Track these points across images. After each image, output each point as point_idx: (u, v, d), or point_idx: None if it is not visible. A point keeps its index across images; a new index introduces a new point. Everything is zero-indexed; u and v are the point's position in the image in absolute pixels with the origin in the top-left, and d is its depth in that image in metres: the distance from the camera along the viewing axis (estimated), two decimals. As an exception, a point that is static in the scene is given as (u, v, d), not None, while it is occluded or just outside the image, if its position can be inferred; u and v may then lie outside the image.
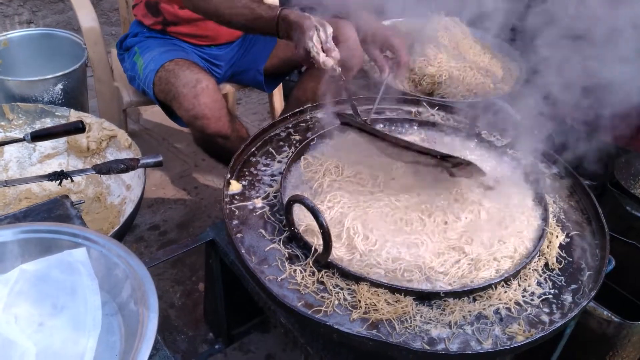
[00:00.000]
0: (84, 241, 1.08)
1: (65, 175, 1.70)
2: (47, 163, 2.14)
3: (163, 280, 2.17)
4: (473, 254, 1.31)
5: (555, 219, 1.47)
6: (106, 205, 2.04)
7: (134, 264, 1.04)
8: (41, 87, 2.32)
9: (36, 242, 1.09)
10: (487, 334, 1.17)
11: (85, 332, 0.97)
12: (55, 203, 1.31)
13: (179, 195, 2.59)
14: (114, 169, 1.72)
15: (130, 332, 0.98)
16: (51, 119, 2.11)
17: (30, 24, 3.23)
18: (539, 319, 1.22)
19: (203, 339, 1.98)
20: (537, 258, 1.34)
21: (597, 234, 1.44)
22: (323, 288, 1.24)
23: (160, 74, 1.96)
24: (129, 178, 1.99)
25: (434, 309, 1.20)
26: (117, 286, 1.05)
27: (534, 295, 1.26)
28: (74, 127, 1.80)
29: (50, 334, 0.98)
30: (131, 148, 2.01)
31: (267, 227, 1.38)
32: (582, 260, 1.37)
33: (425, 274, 1.26)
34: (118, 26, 3.47)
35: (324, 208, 1.38)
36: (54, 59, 2.57)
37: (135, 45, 2.15)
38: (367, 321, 1.17)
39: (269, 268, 1.28)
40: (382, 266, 1.27)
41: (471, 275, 1.27)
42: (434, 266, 1.28)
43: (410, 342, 1.14)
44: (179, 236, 2.36)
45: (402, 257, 1.29)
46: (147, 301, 0.97)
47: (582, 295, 1.27)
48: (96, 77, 2.37)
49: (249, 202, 1.45)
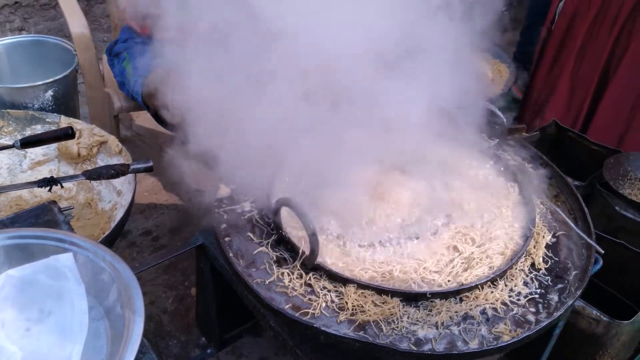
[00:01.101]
0: (71, 246, 1.08)
1: (55, 182, 1.70)
2: (37, 170, 2.14)
3: (155, 285, 2.17)
4: (466, 252, 1.32)
5: (542, 219, 1.48)
6: (97, 211, 2.04)
7: (120, 268, 1.04)
8: (32, 94, 2.32)
9: (23, 247, 1.09)
10: (474, 334, 1.18)
11: (72, 337, 0.97)
12: (42, 209, 1.31)
13: (171, 200, 2.60)
14: (104, 174, 1.72)
15: (116, 336, 0.98)
16: (42, 125, 2.11)
17: (21, 31, 3.23)
18: (525, 318, 1.22)
19: (195, 343, 1.98)
20: (523, 258, 1.35)
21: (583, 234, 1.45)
22: (311, 290, 1.24)
23: (148, 80, 1.96)
24: (120, 184, 1.99)
25: (420, 309, 1.21)
26: (104, 290, 1.05)
27: (521, 295, 1.27)
28: (63, 133, 1.80)
29: (36, 339, 0.98)
30: (122, 154, 2.01)
31: (255, 230, 1.39)
32: (569, 259, 1.38)
33: (420, 274, 1.28)
34: (109, 32, 3.47)
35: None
36: (45, 66, 2.57)
37: (125, 51, 2.15)
38: (354, 323, 1.18)
39: (257, 271, 1.28)
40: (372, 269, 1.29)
41: (465, 273, 1.28)
42: (428, 266, 1.29)
43: (397, 343, 1.14)
44: (172, 241, 2.36)
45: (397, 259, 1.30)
46: (133, 305, 0.97)
47: (569, 294, 1.28)
48: (87, 83, 2.37)
49: (238, 205, 1.46)
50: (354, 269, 1.29)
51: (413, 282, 1.26)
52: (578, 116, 2.55)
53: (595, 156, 2.13)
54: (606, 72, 2.45)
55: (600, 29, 2.41)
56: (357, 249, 1.32)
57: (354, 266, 1.29)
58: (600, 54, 2.42)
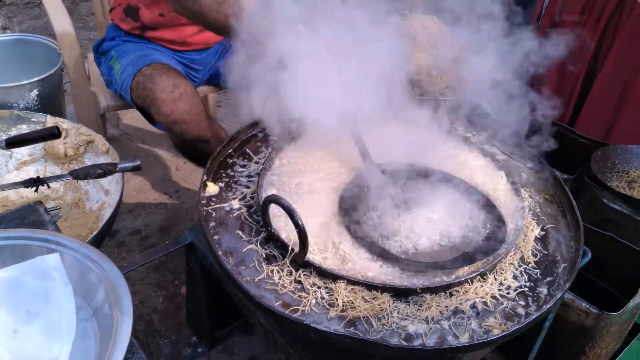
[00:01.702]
0: (57, 246, 1.07)
1: (41, 182, 1.69)
2: (24, 170, 2.12)
3: (145, 285, 2.16)
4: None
5: (530, 213, 1.49)
6: (85, 211, 2.02)
7: (107, 268, 1.03)
8: (16, 93, 2.30)
9: (8, 249, 1.08)
10: (464, 328, 1.18)
11: (60, 338, 0.97)
12: (28, 209, 1.29)
13: (160, 199, 2.58)
14: (91, 174, 1.71)
15: (104, 336, 0.98)
16: (27, 125, 2.09)
17: (5, 30, 3.20)
18: (515, 311, 1.23)
19: (186, 342, 1.97)
20: (512, 252, 1.35)
21: (571, 227, 1.46)
22: (300, 287, 1.24)
23: (137, 79, 1.95)
24: (107, 183, 1.98)
25: (410, 305, 1.21)
26: (91, 290, 1.04)
27: (510, 289, 1.27)
28: (49, 132, 1.79)
29: (24, 341, 0.97)
30: (109, 153, 2.00)
31: (244, 228, 1.38)
32: (557, 252, 1.39)
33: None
34: (95, 31, 3.44)
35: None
36: (30, 65, 2.55)
37: (113, 49, 2.14)
38: (344, 319, 1.18)
39: (246, 269, 1.28)
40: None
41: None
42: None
43: (388, 339, 1.14)
44: (161, 240, 2.35)
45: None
46: (121, 304, 0.97)
47: (558, 287, 1.29)
48: (72, 82, 2.35)
49: (226, 203, 1.45)
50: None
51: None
52: (566, 110, 2.56)
53: (583, 149, 2.14)
54: (593, 65, 2.46)
55: (586, 23, 2.42)
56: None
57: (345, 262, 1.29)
58: (587, 47, 2.43)
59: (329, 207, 1.41)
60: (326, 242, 1.32)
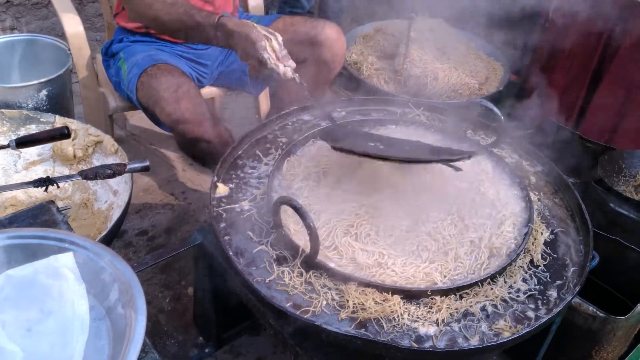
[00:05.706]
0: (71, 246, 1.08)
1: (51, 182, 1.69)
2: (32, 170, 2.12)
3: (152, 285, 2.16)
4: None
5: (539, 216, 1.49)
6: (93, 212, 2.03)
7: (121, 267, 1.03)
8: (25, 93, 2.30)
9: (22, 248, 1.08)
10: (474, 330, 1.18)
11: (73, 337, 0.97)
12: (41, 209, 1.30)
13: (167, 200, 2.59)
14: (100, 174, 1.72)
15: (118, 335, 0.98)
16: (36, 125, 2.10)
17: (13, 30, 3.21)
18: (524, 314, 1.23)
19: (193, 342, 1.97)
20: (522, 255, 1.36)
21: (581, 231, 1.46)
22: (311, 288, 1.24)
23: (142, 79, 1.96)
24: (116, 183, 1.99)
25: (421, 307, 1.22)
26: (105, 290, 1.04)
27: (520, 292, 1.28)
28: (59, 132, 1.79)
29: (37, 339, 0.97)
30: (118, 153, 2.01)
31: (254, 229, 1.39)
32: (567, 256, 1.39)
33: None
34: (103, 32, 3.45)
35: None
36: (38, 65, 2.55)
37: (121, 51, 2.15)
38: (355, 320, 1.18)
39: (257, 270, 1.28)
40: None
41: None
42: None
43: (398, 340, 1.15)
44: (168, 241, 2.35)
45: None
46: (135, 304, 0.97)
47: (567, 290, 1.29)
48: (81, 83, 2.35)
49: (237, 204, 1.46)
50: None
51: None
52: (572, 113, 2.56)
53: (589, 153, 2.15)
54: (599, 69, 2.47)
55: (593, 26, 2.42)
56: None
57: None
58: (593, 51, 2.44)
59: (340, 207, 1.41)
60: (335, 242, 1.32)
